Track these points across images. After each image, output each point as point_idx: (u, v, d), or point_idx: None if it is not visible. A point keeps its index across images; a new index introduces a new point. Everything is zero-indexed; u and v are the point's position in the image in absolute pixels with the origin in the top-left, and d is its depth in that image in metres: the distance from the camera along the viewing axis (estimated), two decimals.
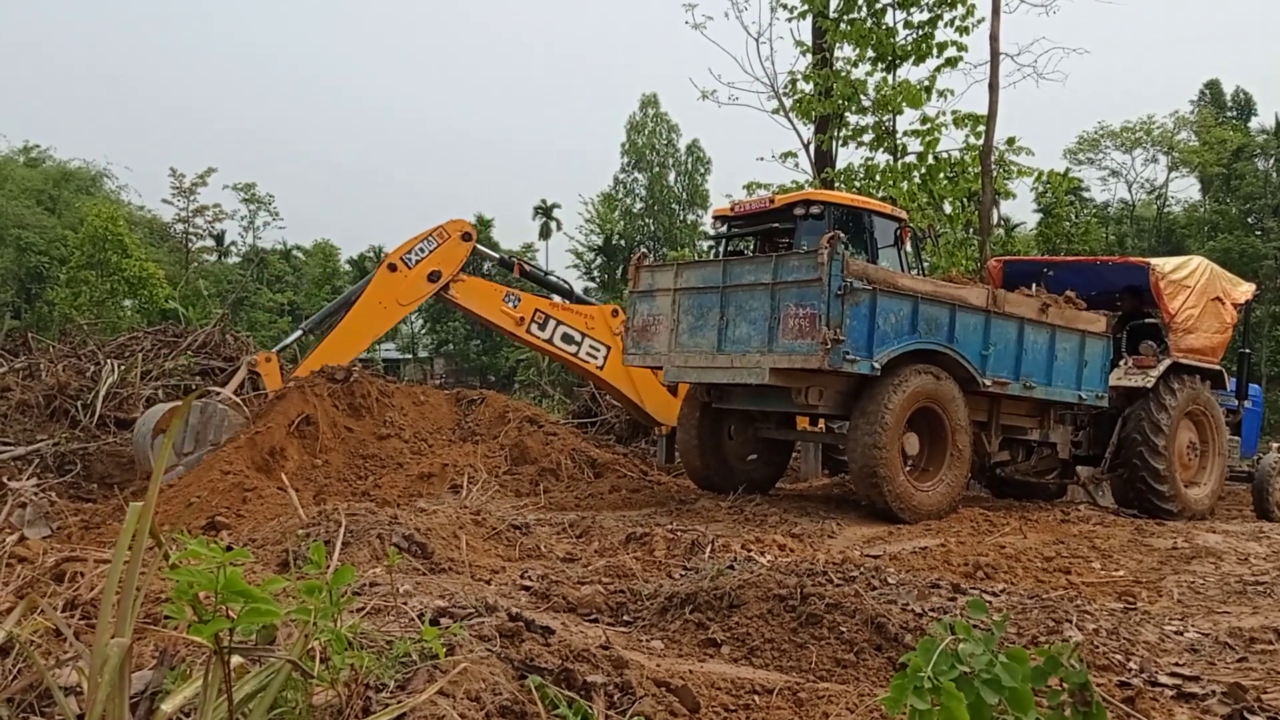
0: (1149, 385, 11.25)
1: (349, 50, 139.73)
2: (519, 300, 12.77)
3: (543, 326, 12.70)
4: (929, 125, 19.30)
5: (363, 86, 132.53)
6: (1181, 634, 4.87)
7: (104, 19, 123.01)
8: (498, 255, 13.94)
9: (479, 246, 12.89)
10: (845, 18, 19.63)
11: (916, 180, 19.15)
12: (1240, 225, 51.70)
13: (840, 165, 20.31)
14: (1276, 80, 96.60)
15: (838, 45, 19.90)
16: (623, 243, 69.11)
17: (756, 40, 21.53)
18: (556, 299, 13.52)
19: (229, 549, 2.31)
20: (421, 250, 12.10)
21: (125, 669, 2.34)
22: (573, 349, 12.83)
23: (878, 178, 19.35)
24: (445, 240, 12.25)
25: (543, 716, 2.86)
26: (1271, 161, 53.37)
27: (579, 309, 13.24)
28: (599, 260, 72.65)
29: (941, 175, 19.28)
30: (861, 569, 5.32)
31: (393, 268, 12.00)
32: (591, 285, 73.96)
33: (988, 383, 9.88)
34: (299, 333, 12.88)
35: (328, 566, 2.74)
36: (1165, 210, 57.97)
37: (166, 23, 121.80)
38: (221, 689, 2.37)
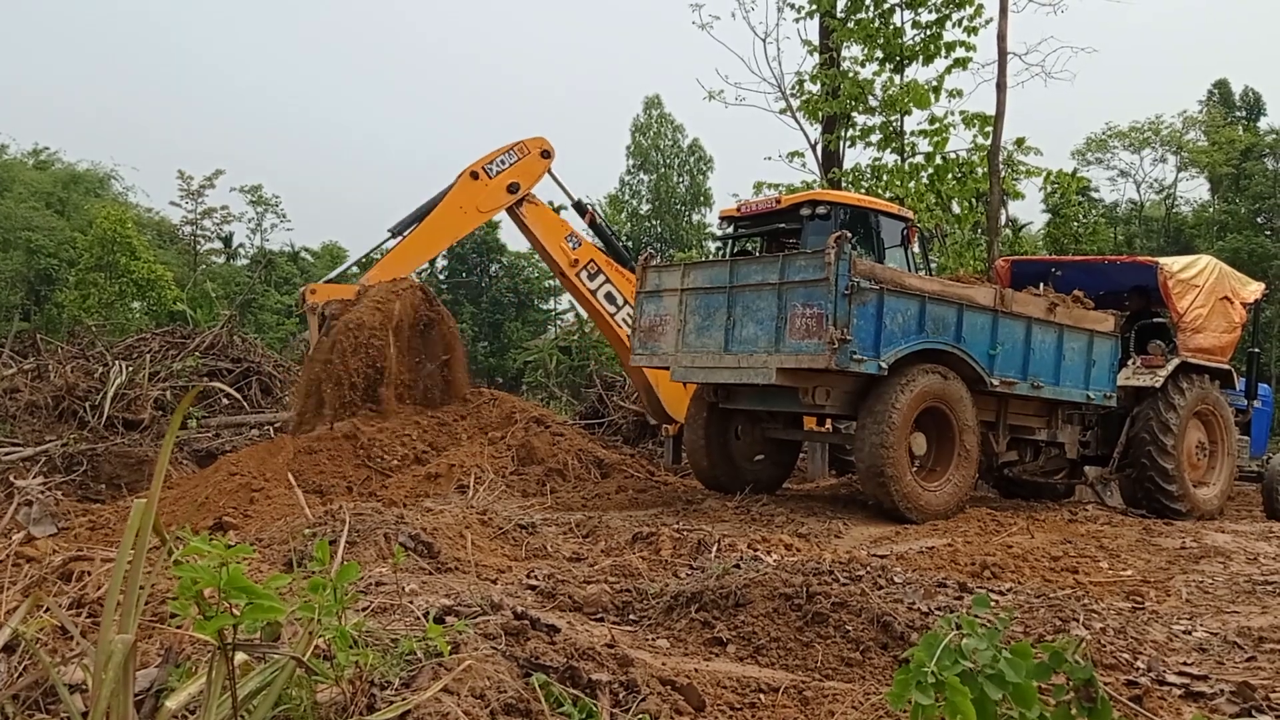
0: (1157, 385, 11.21)
1: (344, 61, 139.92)
2: (580, 243, 13.16)
3: (592, 277, 13.08)
4: (937, 125, 19.30)
5: (367, 93, 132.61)
6: (1190, 633, 4.85)
7: (112, 21, 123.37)
8: (575, 198, 14.22)
9: (552, 172, 13.23)
10: (853, 17, 19.63)
11: (924, 180, 19.14)
12: (1249, 225, 51.42)
13: (848, 165, 20.31)
14: None
15: (845, 45, 19.90)
16: (630, 244, 69.06)
17: (763, 40, 21.60)
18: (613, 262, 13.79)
19: (230, 547, 2.32)
20: (503, 162, 12.64)
21: (130, 665, 2.34)
22: (611, 309, 13.15)
23: (885, 178, 19.34)
24: (525, 155, 12.79)
25: (547, 714, 2.86)
26: None
27: (630, 275, 13.36)
28: None
29: (949, 175, 19.27)
30: (868, 568, 5.31)
31: (475, 175, 12.53)
32: None
33: (995, 382, 9.85)
34: (387, 235, 13.06)
35: (332, 564, 2.73)
36: (1174, 210, 57.76)
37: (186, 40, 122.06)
38: (225, 686, 2.37)
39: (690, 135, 73.23)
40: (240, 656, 2.52)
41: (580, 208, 14.08)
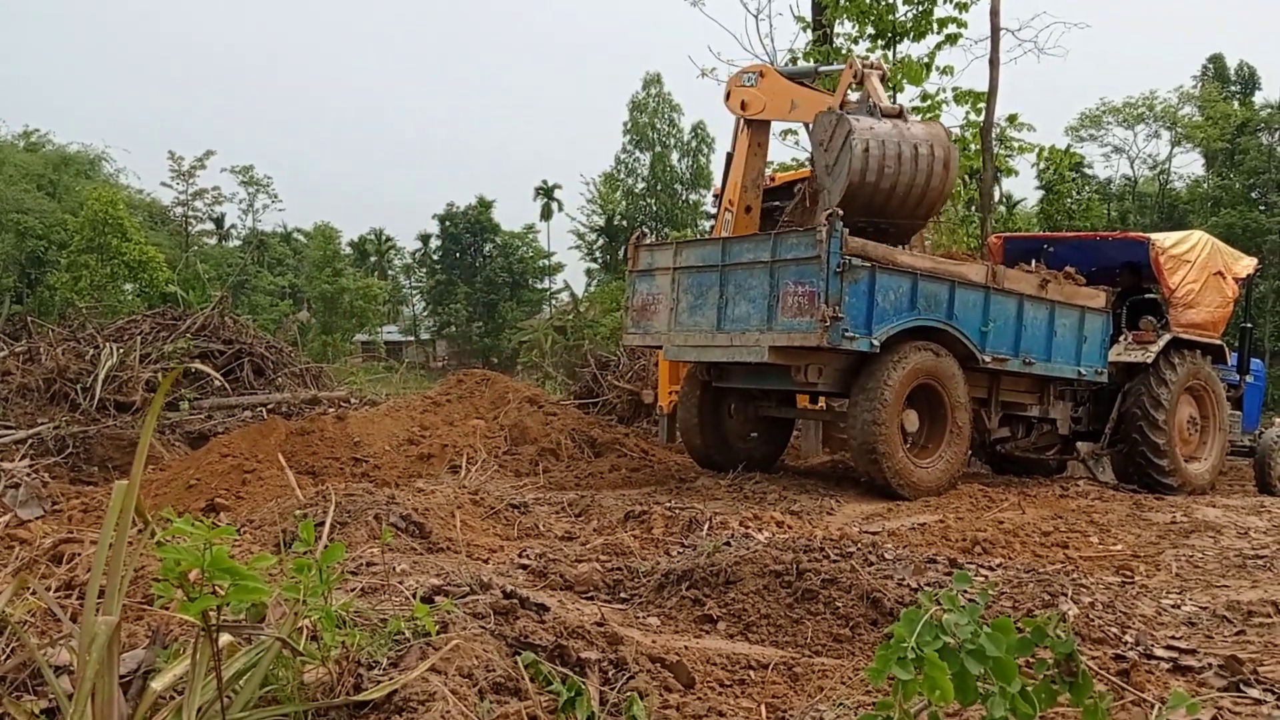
0: (1149, 360, 11.21)
1: (338, 38, 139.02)
2: None
3: None
4: (929, 102, 19.16)
5: (359, 73, 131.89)
6: (1179, 607, 4.87)
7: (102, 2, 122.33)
8: None
9: None
10: None
11: None
12: (1244, 200, 51.48)
13: None
14: None
15: (837, 21, 19.75)
16: (624, 223, 68.89)
17: (755, 17, 21.30)
18: None
19: (214, 528, 2.31)
20: None
21: (114, 646, 2.34)
22: None
23: None
24: None
25: (534, 692, 2.86)
26: (1276, 136, 53.08)
27: None
28: (600, 240, 72.55)
29: None
30: (858, 545, 5.32)
31: None
32: (593, 266, 73.89)
33: (987, 359, 9.85)
34: None
35: (318, 544, 2.73)
36: (1168, 186, 57.74)
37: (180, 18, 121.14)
38: (210, 667, 2.37)
39: (690, 115, 72.96)
40: (227, 638, 2.52)
41: None
